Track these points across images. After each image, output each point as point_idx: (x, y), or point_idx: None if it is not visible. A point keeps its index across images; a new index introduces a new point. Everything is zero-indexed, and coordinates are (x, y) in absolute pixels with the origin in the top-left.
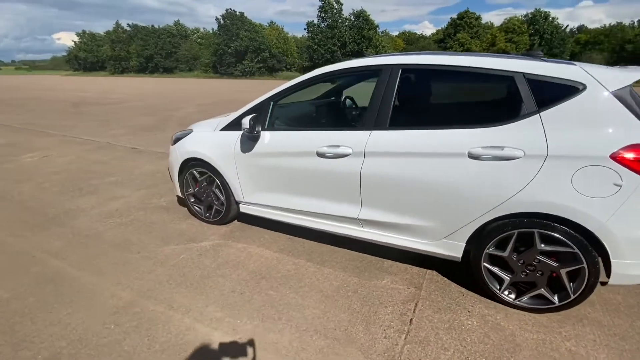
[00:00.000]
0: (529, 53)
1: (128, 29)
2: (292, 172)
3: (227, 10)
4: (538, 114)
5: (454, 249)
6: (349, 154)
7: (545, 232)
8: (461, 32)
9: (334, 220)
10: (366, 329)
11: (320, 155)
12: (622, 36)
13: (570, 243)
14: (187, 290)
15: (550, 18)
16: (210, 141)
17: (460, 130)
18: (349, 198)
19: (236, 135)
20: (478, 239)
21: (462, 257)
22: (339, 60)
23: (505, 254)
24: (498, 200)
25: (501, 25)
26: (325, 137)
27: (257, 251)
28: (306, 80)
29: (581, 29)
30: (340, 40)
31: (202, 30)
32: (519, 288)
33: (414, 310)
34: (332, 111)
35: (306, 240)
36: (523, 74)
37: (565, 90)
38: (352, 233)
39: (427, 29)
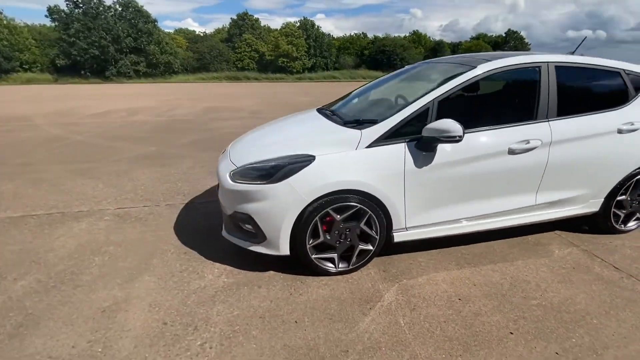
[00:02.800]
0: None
1: None
2: (479, 176)
3: None
4: (638, 98)
5: (596, 205)
6: (537, 147)
7: None
8: (246, 33)
9: (509, 214)
10: (633, 288)
11: (511, 152)
12: (360, 44)
13: None
14: (481, 354)
15: (316, 26)
16: (361, 163)
17: (605, 114)
18: (529, 188)
19: (400, 148)
20: (613, 191)
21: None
22: (113, 57)
23: (627, 197)
24: (634, 159)
25: (281, 29)
26: (511, 133)
27: (448, 277)
28: (473, 78)
29: (329, 37)
30: (110, 34)
31: None
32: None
33: (603, 260)
34: (493, 106)
35: (454, 248)
36: (624, 69)
37: None
38: (522, 221)
39: (192, 27)
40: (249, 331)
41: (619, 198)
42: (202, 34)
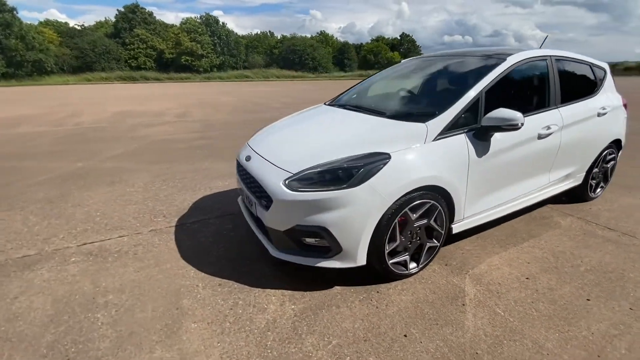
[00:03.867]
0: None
1: None
2: (520, 160)
3: None
4: (602, 87)
5: (581, 179)
6: (555, 131)
7: (613, 149)
8: (138, 27)
9: (532, 194)
10: (633, 243)
11: (539, 137)
12: (269, 43)
13: (616, 151)
14: (582, 324)
15: (221, 23)
16: (433, 157)
17: (587, 101)
18: (546, 169)
19: (462, 138)
20: (591, 166)
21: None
22: None
23: (597, 169)
24: (607, 136)
25: (181, 25)
26: (538, 120)
27: (502, 260)
28: (507, 69)
29: (235, 34)
30: None
31: None
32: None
33: (597, 224)
34: (520, 95)
35: (485, 233)
36: (592, 63)
37: (603, 72)
38: (538, 199)
39: (59, 18)
40: (365, 359)
41: (593, 171)
42: (79, 27)
